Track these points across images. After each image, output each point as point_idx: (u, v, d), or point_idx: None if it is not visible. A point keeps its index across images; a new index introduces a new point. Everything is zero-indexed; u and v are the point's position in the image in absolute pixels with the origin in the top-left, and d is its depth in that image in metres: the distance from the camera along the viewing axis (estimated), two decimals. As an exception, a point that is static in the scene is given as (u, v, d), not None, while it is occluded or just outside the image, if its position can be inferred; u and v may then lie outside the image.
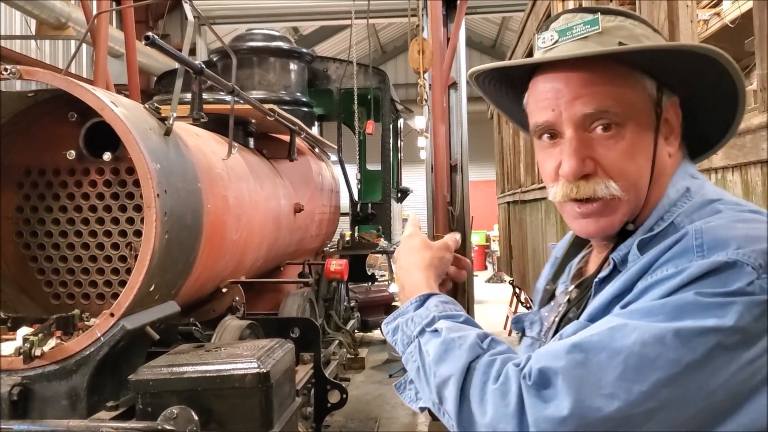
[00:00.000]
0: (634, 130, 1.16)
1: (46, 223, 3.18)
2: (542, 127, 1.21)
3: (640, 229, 1.20)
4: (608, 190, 1.15)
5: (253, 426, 2.57)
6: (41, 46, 10.66)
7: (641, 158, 1.17)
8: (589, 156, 1.16)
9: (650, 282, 1.05)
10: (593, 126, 1.16)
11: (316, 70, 7.69)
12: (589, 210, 1.18)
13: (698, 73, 1.19)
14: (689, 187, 1.20)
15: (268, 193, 4.72)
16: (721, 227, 1.06)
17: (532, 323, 1.39)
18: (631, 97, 1.16)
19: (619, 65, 1.16)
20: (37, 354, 2.61)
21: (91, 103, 2.73)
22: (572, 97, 1.16)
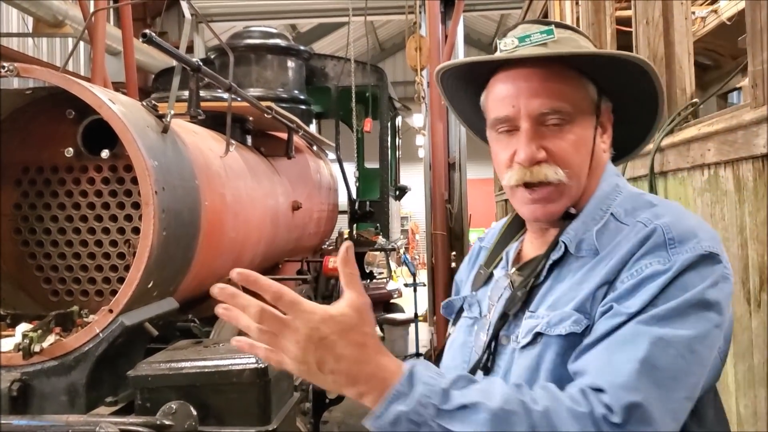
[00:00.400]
0: (580, 126, 1.34)
1: (44, 220, 3.19)
2: (502, 120, 1.36)
3: (581, 215, 1.35)
4: (557, 176, 1.31)
5: (251, 421, 2.59)
6: (39, 44, 10.66)
7: (584, 151, 1.34)
8: (541, 145, 1.32)
9: (641, 277, 1.19)
10: (547, 121, 1.32)
11: (313, 67, 7.70)
12: (539, 195, 1.33)
13: (630, 84, 1.38)
14: (617, 183, 1.40)
15: (265, 191, 4.74)
16: (678, 221, 1.24)
17: (471, 305, 1.49)
18: (578, 97, 1.34)
19: (571, 70, 1.33)
20: (36, 350, 2.63)
21: (88, 101, 2.75)
22: (531, 94, 1.31)
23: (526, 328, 1.29)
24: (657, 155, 2.25)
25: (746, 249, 1.68)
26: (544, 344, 1.24)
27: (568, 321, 1.21)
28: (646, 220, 1.27)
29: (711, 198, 1.89)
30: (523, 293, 1.33)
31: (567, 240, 1.32)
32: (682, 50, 2.29)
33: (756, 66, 1.56)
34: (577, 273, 1.29)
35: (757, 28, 1.57)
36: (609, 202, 1.35)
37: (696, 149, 1.93)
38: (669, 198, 2.25)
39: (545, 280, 1.34)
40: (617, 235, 1.29)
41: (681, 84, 2.30)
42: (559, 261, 1.33)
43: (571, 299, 1.25)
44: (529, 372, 1.24)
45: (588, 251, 1.30)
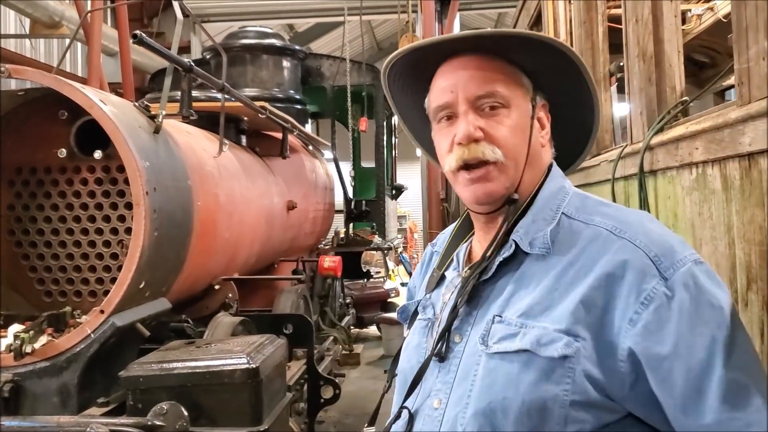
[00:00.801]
0: (516, 112, 1.38)
1: (37, 221, 3.19)
2: (442, 107, 1.40)
3: (530, 213, 1.36)
4: (494, 154, 1.34)
5: (243, 421, 2.59)
6: (36, 45, 10.64)
7: (520, 137, 1.38)
8: (479, 126, 1.35)
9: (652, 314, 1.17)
10: (483, 104, 1.36)
11: (309, 67, 7.70)
12: (477, 175, 1.36)
13: (566, 83, 1.44)
14: (564, 185, 1.42)
15: (260, 191, 4.73)
16: (648, 232, 1.25)
17: (425, 307, 1.50)
18: (513, 85, 1.39)
19: (508, 64, 1.39)
20: (28, 351, 2.63)
21: (79, 102, 2.74)
22: (467, 79, 1.37)
23: (497, 334, 1.27)
24: (647, 154, 2.25)
25: (733, 248, 1.68)
26: (529, 360, 1.21)
27: (560, 343, 1.19)
28: (611, 228, 1.27)
29: (699, 197, 1.89)
30: (471, 284, 1.34)
31: (518, 238, 1.33)
32: (671, 48, 2.29)
33: (741, 64, 1.56)
34: (543, 276, 1.28)
35: (742, 26, 1.57)
36: (557, 202, 1.37)
37: (684, 148, 1.93)
38: (659, 197, 2.25)
39: (497, 277, 1.34)
40: (575, 235, 1.30)
41: (671, 82, 2.30)
42: (512, 259, 1.33)
43: (547, 309, 1.24)
44: (507, 382, 1.22)
45: (542, 249, 1.31)
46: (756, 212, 1.54)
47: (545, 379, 1.19)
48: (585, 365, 1.18)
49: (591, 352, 1.19)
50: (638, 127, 2.46)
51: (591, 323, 1.20)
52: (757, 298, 1.57)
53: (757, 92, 1.50)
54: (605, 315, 1.20)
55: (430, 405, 1.32)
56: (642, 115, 2.42)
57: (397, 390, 1.50)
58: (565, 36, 4.08)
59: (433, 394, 1.33)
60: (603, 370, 1.18)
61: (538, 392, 1.19)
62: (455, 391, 1.29)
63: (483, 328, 1.29)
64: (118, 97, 3.26)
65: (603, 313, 1.20)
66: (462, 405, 1.26)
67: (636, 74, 2.46)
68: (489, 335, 1.28)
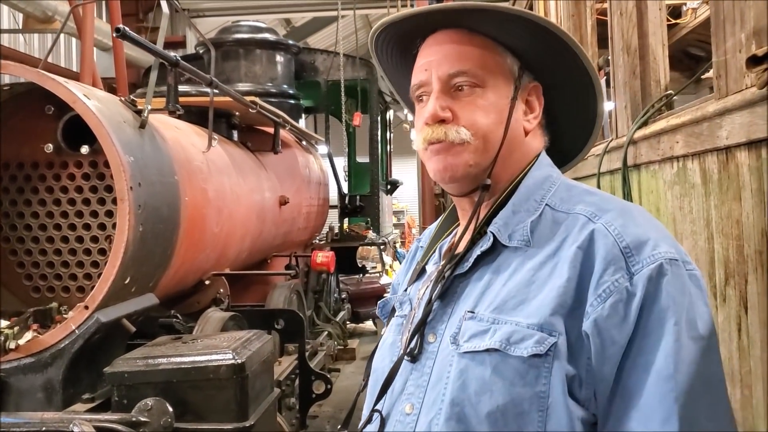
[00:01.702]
0: (493, 92, 1.31)
1: (25, 216, 3.18)
2: (417, 86, 1.35)
3: (511, 203, 1.30)
4: (458, 135, 1.28)
5: (228, 417, 2.57)
6: (30, 40, 10.61)
7: (493, 117, 1.30)
8: (448, 106, 1.29)
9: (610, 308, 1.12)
10: (456, 83, 1.30)
11: (303, 61, 7.67)
12: (437, 148, 1.30)
13: (559, 67, 1.35)
14: (551, 174, 1.35)
15: (251, 186, 4.72)
16: (627, 221, 1.18)
17: (402, 303, 1.42)
18: (491, 63, 1.32)
19: (488, 39, 1.32)
20: (12, 347, 2.62)
21: (62, 96, 2.73)
22: (441, 57, 1.31)
23: (468, 331, 1.20)
24: (630, 148, 2.23)
25: (712, 242, 1.67)
26: (501, 360, 1.14)
27: (530, 341, 1.13)
28: (589, 214, 1.21)
29: (680, 191, 1.88)
30: (449, 273, 1.28)
31: (496, 230, 1.26)
32: (656, 41, 2.27)
33: (719, 56, 1.55)
34: (520, 269, 1.22)
35: (720, 19, 1.56)
36: (543, 192, 1.30)
37: (665, 141, 1.91)
38: (642, 191, 2.24)
39: (473, 270, 1.28)
40: (556, 226, 1.24)
41: (655, 75, 2.29)
42: (490, 252, 1.27)
43: (521, 303, 1.18)
44: (480, 385, 1.15)
45: (521, 242, 1.24)
46: (733, 206, 1.52)
47: (519, 382, 1.13)
48: (563, 363, 1.12)
49: (566, 348, 1.12)
50: (623, 121, 2.45)
51: (564, 315, 1.14)
52: (735, 293, 1.56)
53: (734, 85, 1.48)
54: (576, 308, 1.14)
55: (401, 410, 1.25)
56: (626, 108, 2.40)
57: (369, 390, 1.42)
58: (555, 30, 4.06)
59: (404, 398, 1.25)
60: (578, 366, 1.12)
61: (513, 395, 1.12)
62: (428, 395, 1.21)
63: (455, 325, 1.23)
64: (104, 92, 3.24)
65: (574, 306, 1.14)
66: (435, 410, 1.19)
67: (620, 68, 2.45)
68: (460, 333, 1.21)
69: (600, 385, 1.13)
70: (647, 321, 1.10)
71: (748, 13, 1.43)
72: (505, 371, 1.14)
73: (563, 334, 1.13)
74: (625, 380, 1.11)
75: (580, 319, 1.13)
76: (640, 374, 1.10)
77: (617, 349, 1.11)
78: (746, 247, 1.51)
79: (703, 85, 8.06)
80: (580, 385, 1.13)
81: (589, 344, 1.12)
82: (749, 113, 1.43)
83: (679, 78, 8.40)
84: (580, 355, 1.13)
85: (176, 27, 12.56)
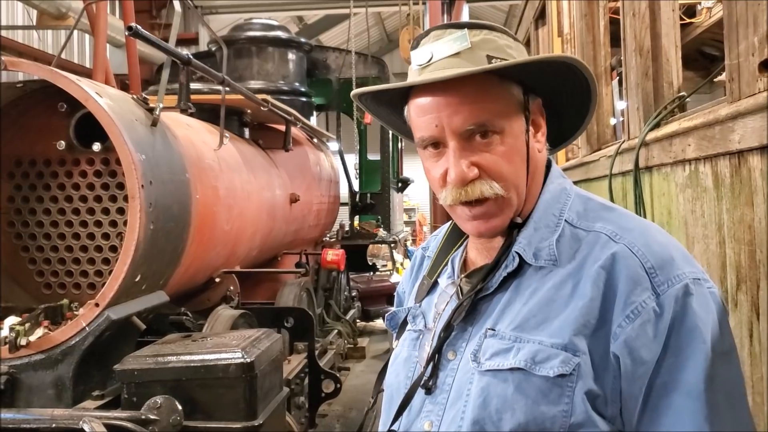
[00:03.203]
0: (510, 135, 1.26)
1: (37, 213, 3.19)
2: (427, 140, 1.28)
3: (531, 221, 1.29)
4: (493, 190, 1.24)
5: (237, 416, 2.58)
6: (44, 37, 10.68)
7: (517, 160, 1.27)
8: (472, 162, 1.24)
9: (639, 328, 1.12)
10: (473, 136, 1.24)
11: (315, 59, 7.68)
12: (479, 212, 1.26)
13: (558, 75, 1.31)
14: (565, 186, 1.34)
15: (262, 184, 4.73)
16: (649, 241, 1.19)
17: (415, 317, 1.40)
18: (503, 107, 1.26)
19: (491, 77, 1.25)
20: (23, 344, 2.63)
21: (74, 94, 2.74)
22: (451, 111, 1.24)
23: (490, 349, 1.20)
24: (642, 150, 2.22)
25: (724, 247, 1.65)
26: (524, 379, 1.15)
27: (556, 360, 1.13)
28: (611, 233, 1.21)
29: (692, 194, 1.86)
30: (468, 303, 1.27)
31: (521, 250, 1.25)
32: (669, 42, 2.25)
33: (732, 59, 1.53)
34: (541, 287, 1.22)
35: (732, 21, 1.54)
36: (560, 206, 1.29)
37: (677, 144, 1.90)
38: (654, 194, 2.23)
39: (497, 291, 1.27)
40: (577, 243, 1.23)
41: (668, 77, 2.27)
42: (515, 272, 1.26)
43: (543, 322, 1.18)
44: (502, 403, 1.15)
45: (548, 261, 1.23)
46: (745, 211, 1.51)
47: (542, 400, 1.13)
48: (586, 382, 1.12)
49: (590, 368, 1.13)
50: (635, 123, 2.43)
51: (588, 336, 1.14)
52: (747, 298, 1.54)
53: (746, 89, 1.47)
54: (600, 327, 1.14)
55: (420, 427, 1.25)
56: (639, 110, 2.39)
57: (383, 407, 1.41)
58: (568, 30, 4.04)
59: (423, 416, 1.25)
60: (603, 385, 1.13)
61: (535, 414, 1.13)
62: (448, 413, 1.22)
63: (476, 343, 1.23)
64: (116, 90, 3.25)
65: (598, 325, 1.14)
66: (455, 427, 1.19)
67: (633, 69, 2.43)
68: (481, 351, 1.21)
69: (628, 403, 1.14)
70: (676, 340, 1.12)
71: (761, 16, 1.41)
72: (527, 390, 1.14)
73: (586, 353, 1.14)
74: (654, 399, 1.12)
75: (603, 339, 1.14)
76: (669, 393, 1.11)
77: (646, 369, 1.12)
78: (758, 252, 1.49)
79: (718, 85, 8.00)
80: (605, 403, 1.14)
81: (617, 364, 1.13)
82: (762, 118, 1.41)
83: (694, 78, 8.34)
84: (605, 374, 1.14)
85: (189, 24, 12.61)
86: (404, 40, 7.10)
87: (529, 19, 5.84)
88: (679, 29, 2.26)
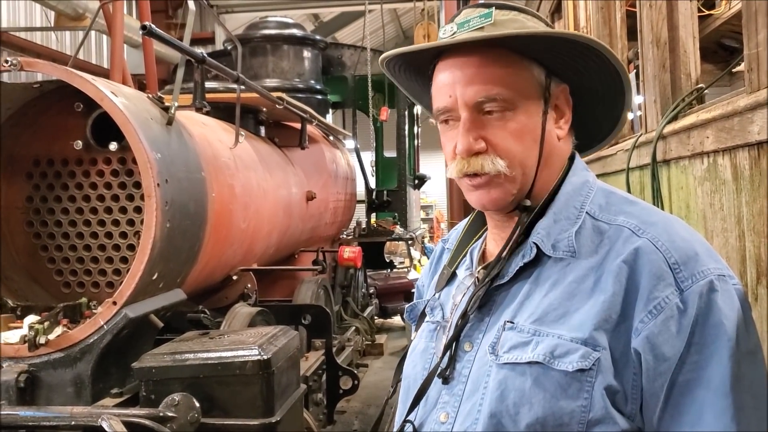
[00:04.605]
0: (524, 113, 1.26)
1: (55, 212, 3.22)
2: (442, 110, 1.30)
3: (551, 212, 1.27)
4: (494, 166, 1.24)
5: (254, 413, 2.59)
6: (62, 37, 10.77)
7: (528, 139, 1.26)
8: (480, 136, 1.25)
9: (662, 324, 1.11)
10: (485, 109, 1.25)
11: (330, 57, 7.68)
12: (477, 182, 1.26)
13: (586, 65, 1.30)
14: (588, 179, 1.32)
15: (278, 181, 4.73)
16: (672, 235, 1.17)
17: (433, 309, 1.40)
18: (519, 82, 1.26)
19: (512, 54, 1.26)
20: (42, 342, 2.65)
21: (90, 94, 2.76)
22: (466, 82, 1.25)
23: (508, 342, 1.19)
24: (660, 143, 2.19)
25: (743, 240, 1.63)
26: (542, 373, 1.14)
27: (575, 355, 1.12)
28: (634, 227, 1.20)
29: (710, 187, 1.83)
30: (483, 290, 1.26)
31: (539, 240, 1.24)
32: (686, 34, 2.22)
33: (751, 49, 1.51)
34: (562, 280, 1.21)
35: (752, 10, 1.52)
36: (581, 199, 1.28)
37: (696, 137, 1.87)
38: (672, 187, 2.20)
39: (513, 281, 1.26)
40: (598, 236, 1.22)
41: (686, 69, 2.24)
42: (531, 262, 1.25)
43: (563, 316, 1.17)
44: (520, 396, 1.15)
45: (566, 253, 1.22)
46: (765, 203, 1.49)
47: (561, 395, 1.12)
48: (606, 377, 1.12)
49: (611, 363, 1.12)
50: (652, 116, 2.40)
51: (609, 330, 1.13)
52: (767, 292, 1.52)
53: (765, 79, 1.44)
54: (622, 322, 1.13)
55: (436, 419, 1.25)
56: (656, 103, 2.36)
57: (401, 397, 1.41)
58: (585, 23, 4.01)
59: (439, 407, 1.25)
60: (623, 381, 1.12)
61: (553, 408, 1.12)
62: (464, 405, 1.21)
63: (494, 335, 1.22)
64: (131, 89, 3.27)
65: (620, 320, 1.13)
66: (472, 419, 1.19)
67: (650, 61, 2.40)
68: (499, 343, 1.20)
69: (650, 401, 1.13)
70: (701, 337, 1.10)
71: (781, 4, 1.39)
72: (546, 384, 1.14)
73: (606, 348, 1.13)
74: (676, 396, 1.11)
75: (625, 335, 1.13)
76: (692, 390, 1.10)
77: (668, 365, 1.11)
78: (779, 245, 1.47)
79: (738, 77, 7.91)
80: (624, 399, 1.13)
81: (638, 360, 1.12)
82: (782, 108, 1.39)
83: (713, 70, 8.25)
84: (625, 370, 1.13)
85: (205, 23, 12.66)
86: (419, 37, 7.08)
87: (544, 13, 5.81)
88: (697, 21, 2.22)
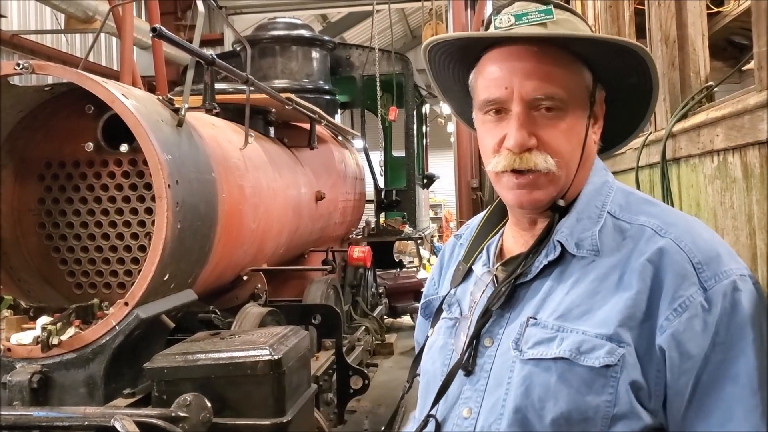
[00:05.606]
0: (573, 115, 1.27)
1: (67, 214, 3.24)
2: (492, 101, 1.28)
3: (573, 211, 1.28)
4: (546, 165, 1.24)
5: (266, 413, 2.59)
6: (72, 40, 10.83)
7: (575, 141, 1.28)
8: (532, 132, 1.24)
9: (687, 322, 1.12)
10: (539, 106, 1.25)
11: (338, 57, 7.69)
12: (525, 181, 1.26)
13: (625, 71, 1.31)
14: (608, 179, 1.34)
15: (287, 182, 4.75)
16: (695, 236, 1.19)
17: (450, 305, 1.40)
18: (573, 84, 1.26)
19: (567, 55, 1.26)
20: (55, 343, 2.67)
21: (101, 96, 2.77)
22: (525, 75, 1.24)
23: (532, 338, 1.20)
24: (669, 141, 2.19)
25: (754, 238, 1.63)
26: (567, 368, 1.15)
27: (601, 351, 1.14)
28: (656, 227, 1.21)
29: (721, 186, 1.83)
30: (507, 288, 1.26)
31: (563, 239, 1.25)
32: (695, 32, 2.22)
33: (761, 47, 1.51)
34: (584, 278, 1.22)
35: (761, 8, 1.52)
36: (603, 198, 1.30)
37: (705, 135, 1.87)
38: (682, 186, 2.20)
39: (537, 278, 1.27)
40: (620, 235, 1.24)
41: (695, 67, 2.24)
42: (556, 261, 1.26)
43: (586, 313, 1.18)
44: (545, 392, 1.16)
45: (589, 251, 1.24)
46: (776, 201, 1.49)
47: (586, 390, 1.14)
48: (630, 373, 1.13)
49: (635, 360, 1.14)
50: (662, 114, 2.40)
51: (633, 328, 1.15)
52: (778, 290, 1.51)
53: (776, 76, 1.45)
54: (646, 320, 1.15)
55: (458, 414, 1.26)
56: (665, 101, 2.36)
57: (420, 393, 1.42)
58: (593, 21, 4.00)
59: (461, 402, 1.26)
60: (647, 378, 1.14)
61: (578, 403, 1.14)
62: (487, 399, 1.22)
63: (516, 331, 1.23)
64: (142, 91, 3.29)
65: (644, 318, 1.15)
66: (496, 414, 1.20)
67: (659, 59, 2.40)
68: (523, 339, 1.21)
69: (674, 398, 1.14)
70: (726, 336, 1.11)
71: (791, 1, 1.39)
72: (571, 379, 1.15)
73: (631, 345, 1.14)
74: (701, 394, 1.12)
75: (649, 332, 1.15)
76: (719, 389, 1.11)
77: (693, 363, 1.12)
78: (790, 243, 1.47)
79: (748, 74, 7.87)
80: (648, 396, 1.14)
81: (663, 357, 1.14)
82: (792, 106, 1.39)
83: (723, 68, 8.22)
84: (649, 367, 1.14)
85: (214, 24, 12.70)
86: (427, 36, 7.08)
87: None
88: (706, 18, 2.22)
